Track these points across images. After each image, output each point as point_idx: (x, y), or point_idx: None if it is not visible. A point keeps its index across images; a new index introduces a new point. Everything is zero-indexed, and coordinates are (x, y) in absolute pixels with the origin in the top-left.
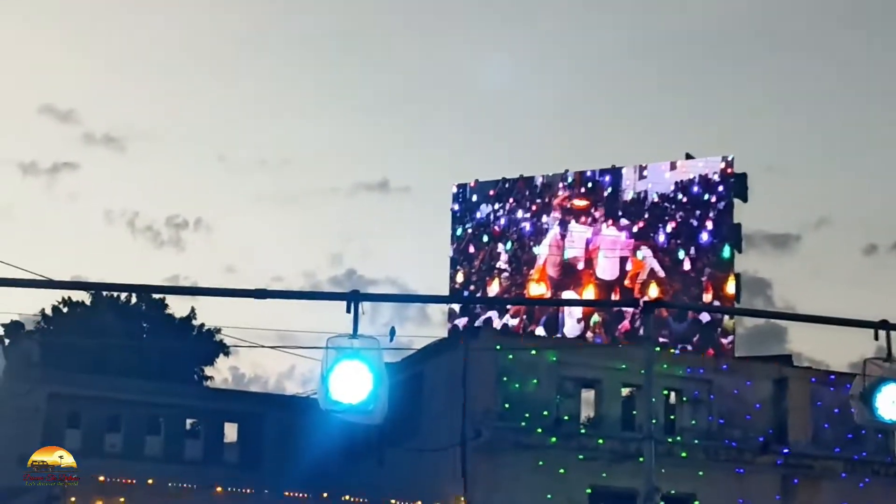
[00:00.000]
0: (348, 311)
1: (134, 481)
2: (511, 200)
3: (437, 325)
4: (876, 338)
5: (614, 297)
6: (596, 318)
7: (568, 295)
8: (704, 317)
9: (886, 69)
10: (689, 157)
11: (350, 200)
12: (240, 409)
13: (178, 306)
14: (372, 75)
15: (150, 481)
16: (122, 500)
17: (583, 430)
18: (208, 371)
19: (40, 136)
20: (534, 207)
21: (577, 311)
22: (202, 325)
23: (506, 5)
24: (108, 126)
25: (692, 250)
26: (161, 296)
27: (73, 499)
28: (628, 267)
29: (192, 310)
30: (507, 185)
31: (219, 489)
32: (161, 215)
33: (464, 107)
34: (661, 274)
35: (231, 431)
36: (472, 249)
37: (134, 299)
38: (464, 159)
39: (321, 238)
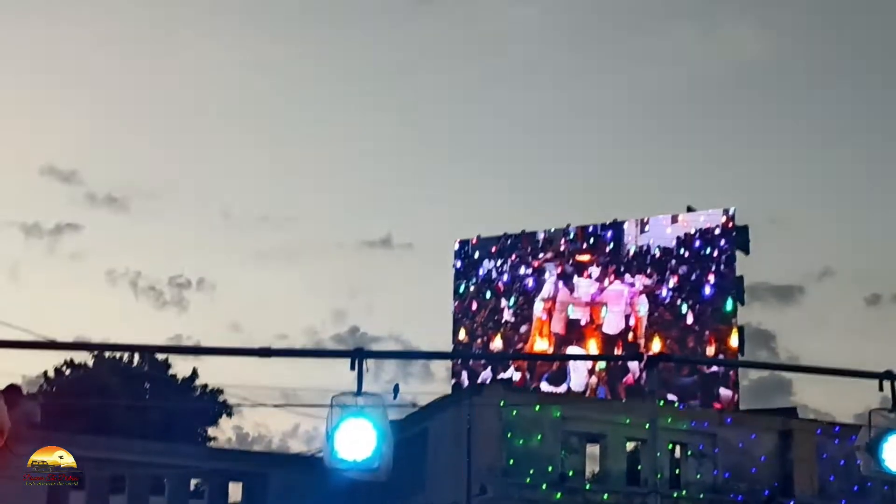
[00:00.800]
0: (353, 368)
1: None
2: (513, 256)
3: (441, 380)
4: (881, 389)
5: (617, 351)
6: (602, 364)
7: (572, 350)
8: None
9: (888, 120)
10: (690, 209)
11: (353, 257)
12: (244, 468)
13: (180, 367)
14: (373, 131)
15: None
16: None
17: (588, 486)
18: (211, 431)
19: (42, 197)
20: (535, 263)
21: (583, 366)
22: (205, 385)
23: (505, 60)
24: (111, 186)
25: (695, 304)
26: (163, 356)
27: None
28: (631, 321)
29: (195, 370)
30: (508, 242)
31: None
32: (164, 275)
33: (465, 161)
34: (663, 328)
35: (235, 491)
36: (474, 306)
37: (136, 360)
38: (466, 214)
39: (325, 295)
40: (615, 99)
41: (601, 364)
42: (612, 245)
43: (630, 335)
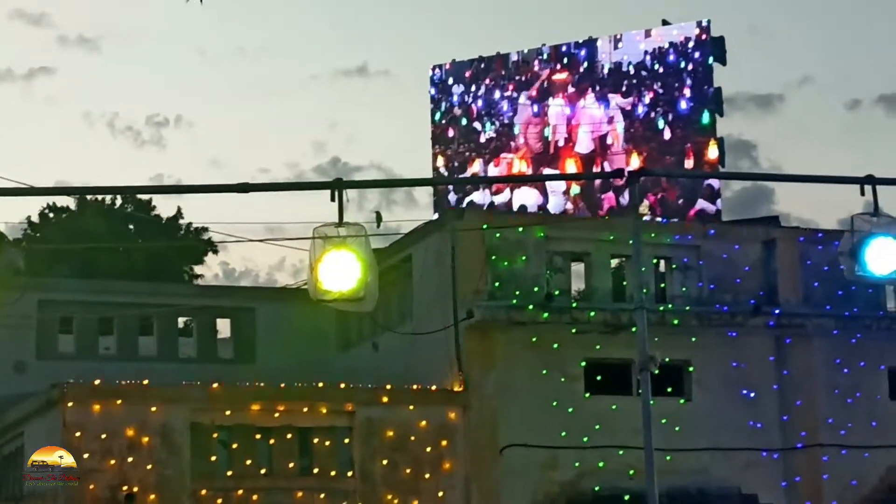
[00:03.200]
0: (332, 199)
1: (129, 382)
2: (488, 80)
3: (424, 207)
4: (862, 193)
5: (596, 169)
6: (576, 189)
7: (550, 172)
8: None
9: None
10: (665, 23)
11: (330, 87)
12: (231, 304)
13: (163, 206)
14: None
15: (145, 382)
16: (118, 402)
17: (574, 304)
18: (198, 269)
19: (13, 41)
20: (511, 86)
21: (559, 188)
22: (189, 223)
23: None
24: (82, 27)
25: (672, 118)
26: (147, 196)
27: (70, 403)
28: (609, 140)
29: (179, 209)
30: (482, 65)
31: (215, 385)
32: (141, 114)
33: None
34: (640, 144)
35: (224, 327)
36: (451, 132)
37: (119, 202)
38: (442, 38)
39: (304, 127)
40: None
41: (575, 189)
42: (585, 63)
43: (606, 154)
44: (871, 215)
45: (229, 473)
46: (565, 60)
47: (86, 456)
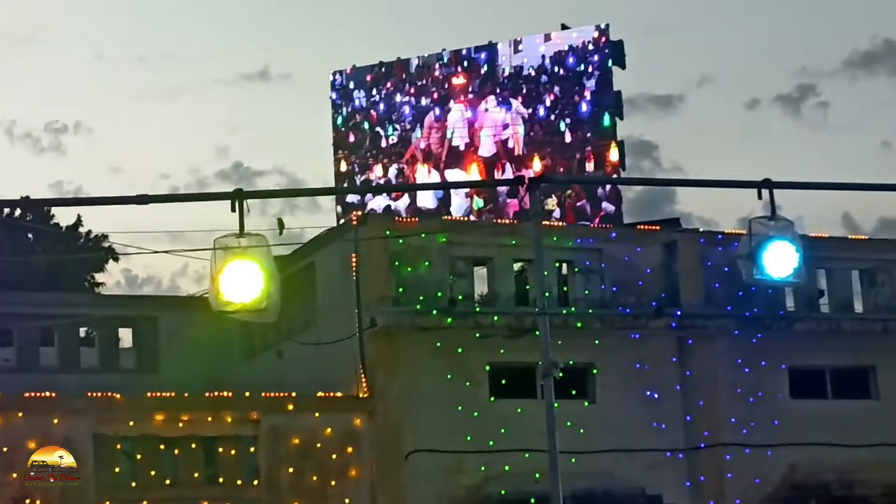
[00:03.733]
0: (233, 210)
1: (31, 395)
2: (389, 84)
3: (328, 211)
4: (759, 197)
5: (498, 173)
6: (479, 202)
7: (452, 175)
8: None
9: None
10: (564, 27)
11: (231, 92)
12: (133, 313)
13: (63, 214)
14: None
15: (47, 393)
16: (20, 414)
17: (478, 309)
18: (100, 277)
19: None
20: (412, 90)
21: (462, 191)
22: (89, 231)
23: None
24: None
25: (573, 122)
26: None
27: None
28: (510, 144)
29: (79, 216)
30: (383, 69)
31: (118, 396)
32: (39, 121)
33: None
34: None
35: (126, 336)
36: (352, 137)
37: (18, 211)
38: (343, 42)
39: (206, 132)
40: None
41: (478, 203)
42: (486, 67)
43: (508, 157)
44: (769, 219)
45: (133, 485)
46: (465, 64)
47: None
